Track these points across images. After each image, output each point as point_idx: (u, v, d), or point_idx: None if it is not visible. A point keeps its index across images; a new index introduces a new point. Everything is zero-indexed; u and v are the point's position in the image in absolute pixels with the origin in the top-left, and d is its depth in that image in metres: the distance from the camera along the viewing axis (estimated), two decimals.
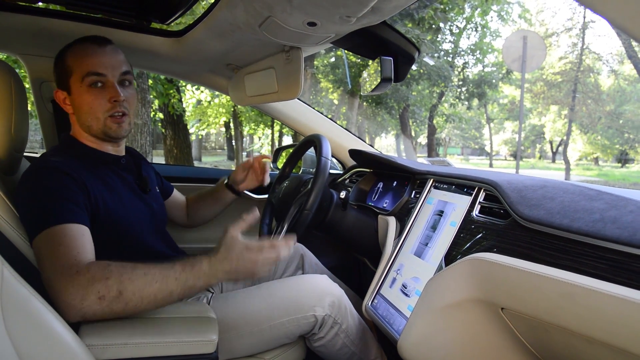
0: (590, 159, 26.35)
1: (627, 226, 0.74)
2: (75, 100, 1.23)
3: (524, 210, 0.94)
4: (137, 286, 0.95)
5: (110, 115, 1.23)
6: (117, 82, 1.23)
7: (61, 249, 0.99)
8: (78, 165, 1.18)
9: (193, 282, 1.01)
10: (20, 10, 1.45)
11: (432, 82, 13.11)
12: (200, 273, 1.01)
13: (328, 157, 1.40)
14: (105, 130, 1.24)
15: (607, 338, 0.71)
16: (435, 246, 1.20)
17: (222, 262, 1.03)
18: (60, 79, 1.26)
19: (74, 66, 1.21)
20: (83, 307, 0.92)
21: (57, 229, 1.02)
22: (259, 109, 2.15)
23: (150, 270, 0.98)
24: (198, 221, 1.79)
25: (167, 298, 0.99)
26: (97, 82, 1.21)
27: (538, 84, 20.20)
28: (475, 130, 34.74)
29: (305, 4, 0.99)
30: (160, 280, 0.97)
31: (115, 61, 1.24)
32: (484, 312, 0.96)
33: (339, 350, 1.36)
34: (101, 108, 1.22)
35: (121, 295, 0.94)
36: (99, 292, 0.93)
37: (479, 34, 14.78)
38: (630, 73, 19.96)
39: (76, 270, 0.95)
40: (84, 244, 1.03)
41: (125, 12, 1.56)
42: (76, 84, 1.21)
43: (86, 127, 1.25)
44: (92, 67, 1.20)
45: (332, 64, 12.83)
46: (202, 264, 1.02)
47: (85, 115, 1.23)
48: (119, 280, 0.95)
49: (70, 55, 1.23)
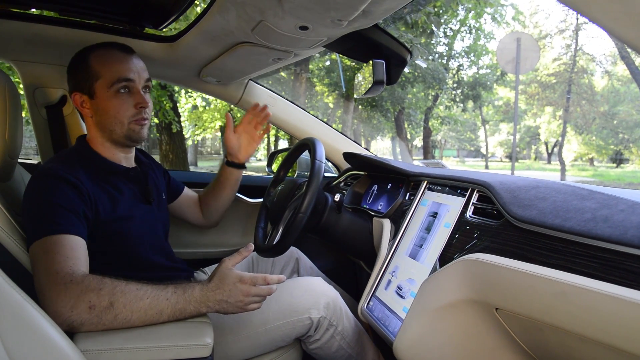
0: (585, 159, 26.45)
1: (618, 225, 0.75)
2: (99, 104, 1.25)
3: (516, 211, 0.95)
4: (129, 299, 0.98)
5: (135, 120, 1.27)
6: (141, 88, 1.28)
7: (57, 258, 1.00)
8: (86, 175, 1.20)
9: (183, 305, 1.03)
10: (13, 17, 1.45)
11: (427, 85, 13.16)
12: (191, 298, 1.04)
13: (322, 160, 1.41)
14: (128, 134, 1.28)
15: (600, 336, 0.71)
16: (430, 248, 1.21)
17: (214, 291, 1.06)
18: (80, 82, 1.27)
19: (102, 71, 1.24)
20: (72, 316, 0.93)
21: (56, 238, 1.04)
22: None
23: (143, 286, 1.01)
24: (215, 215, 1.74)
25: (157, 316, 1.00)
26: (125, 87, 1.25)
27: (532, 85, 20.27)
28: (470, 133, 34.82)
29: (296, 8, 1.00)
30: (151, 297, 1.00)
31: (140, 69, 1.29)
32: (478, 312, 0.97)
33: (335, 352, 1.36)
34: (127, 113, 1.26)
35: (112, 307, 0.96)
36: (90, 302, 0.95)
37: (473, 37, 14.84)
38: (623, 74, 20.05)
39: (70, 279, 0.97)
40: (79, 256, 1.05)
41: (118, 18, 1.56)
42: (103, 89, 1.24)
43: (108, 131, 1.28)
44: (123, 73, 1.24)
45: (327, 67, 12.85)
46: (195, 290, 1.05)
47: (110, 119, 1.26)
48: (112, 292, 0.97)
49: (96, 59, 1.25)
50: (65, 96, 1.84)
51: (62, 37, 1.54)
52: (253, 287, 1.08)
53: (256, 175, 3.34)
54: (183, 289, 1.04)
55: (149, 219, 1.34)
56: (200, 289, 1.06)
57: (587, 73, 19.07)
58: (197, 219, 1.75)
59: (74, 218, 1.09)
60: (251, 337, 1.29)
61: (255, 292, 1.08)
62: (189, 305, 1.03)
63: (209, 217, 1.75)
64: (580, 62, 18.59)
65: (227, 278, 1.07)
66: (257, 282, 1.09)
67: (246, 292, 1.07)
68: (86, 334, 0.96)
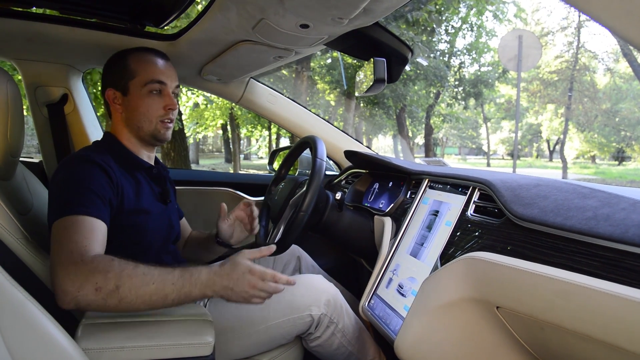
0: (587, 157, 26.36)
1: (620, 223, 0.75)
2: (131, 101, 1.32)
3: (518, 209, 0.95)
4: (135, 284, 0.98)
5: (162, 120, 1.33)
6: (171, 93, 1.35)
7: (74, 237, 1.03)
8: (115, 165, 1.25)
9: (189, 289, 1.03)
10: (14, 15, 1.45)
11: (428, 82, 13.12)
12: (197, 282, 1.04)
13: (323, 158, 1.41)
14: (154, 133, 1.34)
15: (601, 335, 0.71)
16: (431, 246, 1.21)
17: (222, 276, 1.06)
18: (116, 79, 1.34)
19: (138, 70, 1.32)
20: (78, 295, 0.95)
21: (79, 219, 1.07)
22: (254, 111, 2.15)
23: (150, 271, 1.01)
24: (186, 256, 1.68)
25: (162, 300, 1.00)
26: (158, 89, 1.32)
27: (534, 82, 20.23)
28: (472, 130, 34.75)
29: (297, 7, 1.00)
30: (157, 282, 1.00)
31: (173, 74, 1.37)
32: (479, 311, 0.97)
33: (335, 350, 1.36)
34: (156, 113, 1.32)
35: (117, 290, 0.96)
36: (96, 284, 0.95)
37: (474, 34, 14.80)
38: (625, 71, 19.99)
39: (81, 259, 0.99)
40: (97, 238, 1.07)
41: (119, 16, 1.56)
42: (137, 87, 1.31)
43: (135, 127, 1.34)
44: (158, 75, 1.32)
45: (328, 65, 12.83)
46: (201, 273, 1.05)
47: (139, 116, 1.32)
48: (119, 275, 0.97)
49: (134, 59, 1.33)
50: (66, 94, 1.84)
51: (63, 35, 1.54)
52: (260, 281, 1.08)
53: (257, 174, 3.34)
54: (190, 273, 1.04)
55: (164, 218, 1.37)
56: (207, 273, 1.05)
57: (589, 70, 19.01)
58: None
59: (99, 202, 1.12)
60: (252, 335, 1.29)
61: (262, 286, 1.08)
62: (194, 289, 1.03)
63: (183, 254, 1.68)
64: (583, 60, 18.53)
65: (238, 266, 1.07)
66: (266, 278, 1.09)
67: (253, 284, 1.07)
68: (88, 333, 0.96)
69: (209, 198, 2.19)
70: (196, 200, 2.16)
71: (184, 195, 2.07)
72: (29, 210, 1.32)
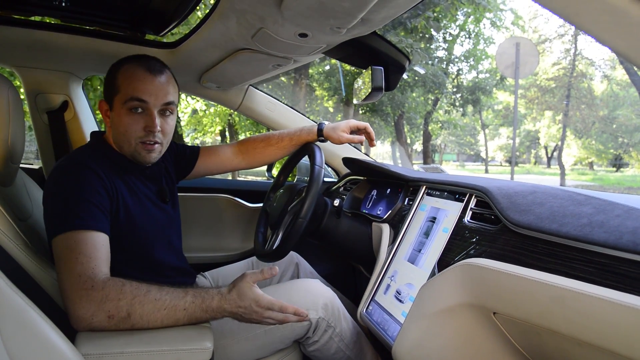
0: (585, 163, 26.42)
1: (614, 230, 0.75)
2: (114, 117, 1.23)
3: (514, 216, 0.95)
4: (146, 310, 1.01)
5: (142, 142, 1.23)
6: (157, 112, 1.22)
7: (80, 258, 1.03)
8: (109, 167, 1.22)
9: (200, 314, 1.06)
10: (15, 23, 1.46)
11: (426, 89, 13.17)
12: (208, 308, 1.07)
13: (322, 165, 1.42)
14: (134, 155, 1.25)
15: (596, 340, 0.72)
16: (428, 252, 1.22)
17: (231, 303, 1.09)
18: (107, 92, 1.26)
19: (122, 86, 1.21)
20: (92, 322, 0.98)
21: (80, 235, 1.06)
22: (253, 118, 2.16)
23: (162, 295, 1.04)
24: (255, 164, 1.69)
25: (173, 324, 1.04)
26: (137, 107, 1.20)
27: (532, 89, 20.29)
28: (470, 137, 34.81)
29: (296, 16, 1.01)
30: (169, 307, 1.03)
31: (161, 90, 1.22)
32: (476, 316, 0.97)
33: (333, 354, 1.37)
34: (135, 134, 1.22)
35: (129, 317, 1.00)
36: (109, 312, 0.98)
37: (472, 41, 14.87)
38: (622, 78, 20.06)
39: (91, 285, 1.00)
40: (102, 256, 1.07)
41: (119, 24, 1.58)
42: (118, 103, 1.21)
43: (118, 145, 1.27)
44: (137, 92, 1.19)
45: (326, 72, 12.87)
46: (213, 300, 1.08)
47: (119, 136, 1.24)
48: (130, 303, 1.00)
49: (121, 73, 1.22)
50: (66, 102, 1.85)
51: (63, 43, 1.56)
52: (267, 311, 1.10)
53: (256, 180, 3.35)
54: (202, 299, 1.07)
55: (164, 217, 1.36)
56: (218, 300, 1.08)
57: (587, 77, 19.09)
58: (233, 167, 1.69)
59: (97, 212, 1.11)
60: (250, 340, 1.29)
61: (269, 315, 1.11)
62: (205, 314, 1.07)
63: (249, 164, 1.68)
64: (580, 67, 18.64)
65: (245, 296, 1.09)
66: (273, 309, 1.11)
67: (260, 315, 1.10)
68: (87, 338, 0.97)
69: (208, 205, 2.19)
70: (195, 207, 2.17)
71: (183, 202, 2.07)
72: (28, 216, 1.32)
